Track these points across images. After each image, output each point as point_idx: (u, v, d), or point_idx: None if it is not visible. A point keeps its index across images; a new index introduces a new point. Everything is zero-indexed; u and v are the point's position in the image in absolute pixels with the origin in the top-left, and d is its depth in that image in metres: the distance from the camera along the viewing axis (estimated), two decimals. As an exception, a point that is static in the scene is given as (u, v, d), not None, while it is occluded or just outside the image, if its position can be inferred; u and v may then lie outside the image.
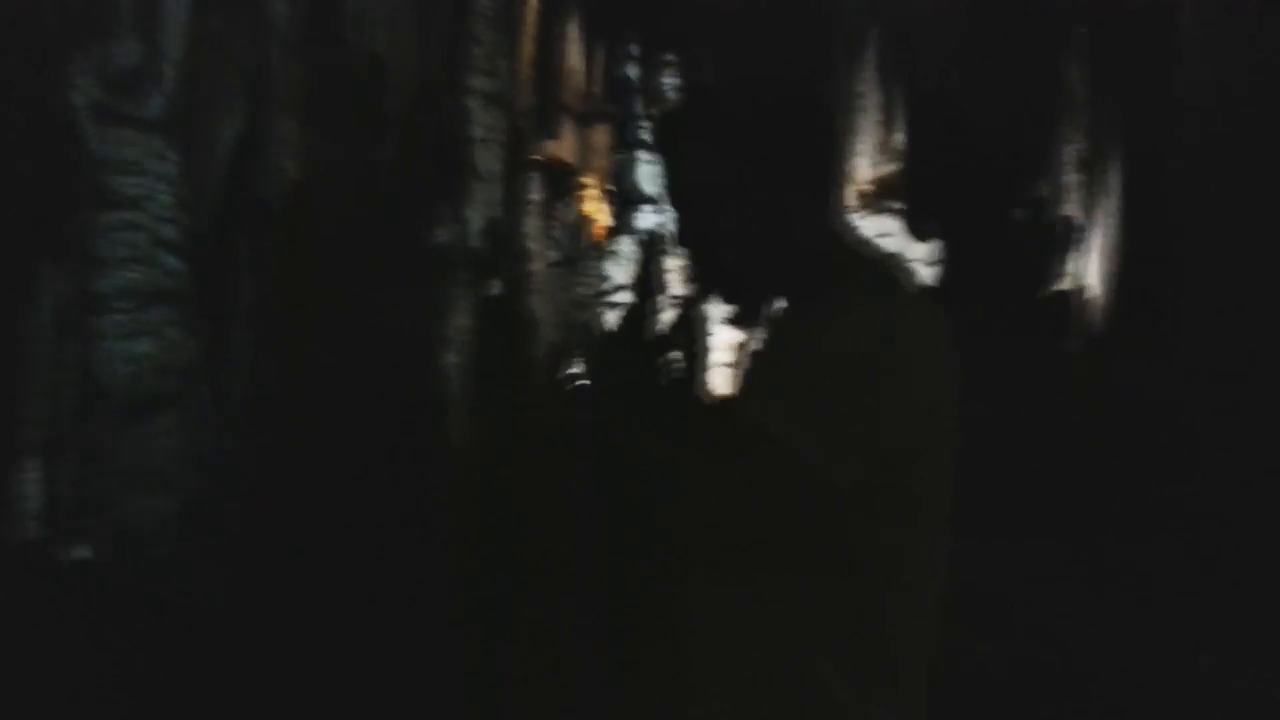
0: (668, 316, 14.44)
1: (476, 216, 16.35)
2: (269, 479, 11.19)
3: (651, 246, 14.45)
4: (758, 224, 1.16)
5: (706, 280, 1.21)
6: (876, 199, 17.22)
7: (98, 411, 11.13)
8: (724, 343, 14.86)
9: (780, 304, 1.15)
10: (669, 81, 17.13)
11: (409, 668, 9.44)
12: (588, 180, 18.32)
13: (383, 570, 10.41)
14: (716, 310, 13.23)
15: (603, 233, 17.04)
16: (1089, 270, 15.78)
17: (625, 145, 17.30)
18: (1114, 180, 15.87)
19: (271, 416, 11.75)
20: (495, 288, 14.60)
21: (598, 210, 17.64)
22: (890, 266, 1.09)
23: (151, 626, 8.70)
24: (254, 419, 11.81)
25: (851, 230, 1.17)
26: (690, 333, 13.47)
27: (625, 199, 16.56)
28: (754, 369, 1.18)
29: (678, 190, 1.20)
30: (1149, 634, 10.54)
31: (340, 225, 14.86)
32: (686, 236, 1.16)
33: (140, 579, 9.55)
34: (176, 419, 11.73)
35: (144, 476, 10.65)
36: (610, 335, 14.15)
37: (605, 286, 16.07)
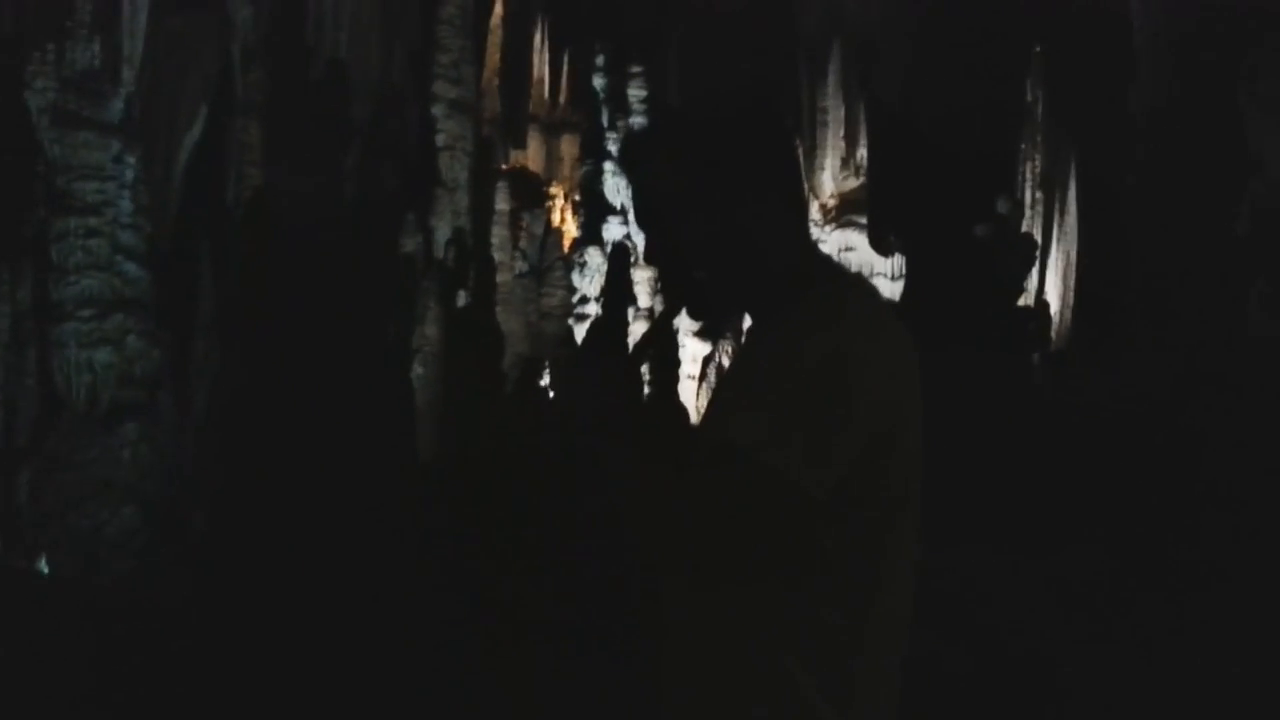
0: (636, 328, 14.42)
1: (443, 226, 16.23)
2: (234, 488, 11.00)
3: (619, 258, 14.45)
4: (720, 242, 1.19)
5: (671, 297, 1.25)
6: (841, 213, 17.41)
7: (58, 421, 10.88)
8: (691, 354, 14.92)
9: (745, 320, 1.19)
10: (636, 93, 17.18)
11: (378, 671, 9.34)
12: (555, 190, 18.29)
13: (350, 577, 10.30)
14: (685, 322, 13.27)
15: (570, 243, 17.01)
16: (1048, 284, 16.11)
17: (593, 156, 17.30)
18: (1071, 197, 16.23)
19: (236, 425, 11.57)
20: (462, 298, 14.52)
21: (565, 221, 17.61)
22: (854, 282, 1.13)
23: (117, 636, 8.51)
24: (218, 428, 11.61)
25: (815, 246, 1.20)
26: (657, 339, 13.47)
27: (593, 209, 16.54)
28: (724, 383, 1.22)
29: (641, 213, 1.25)
30: (1111, 638, 10.75)
31: (304, 233, 14.70)
32: (651, 256, 1.19)
33: (105, 589, 9.33)
34: (139, 428, 11.50)
35: (106, 487, 10.41)
36: (578, 346, 14.10)
37: (573, 298, 16.02)
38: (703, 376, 14.68)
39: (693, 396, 14.54)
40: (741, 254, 1.20)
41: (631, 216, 14.04)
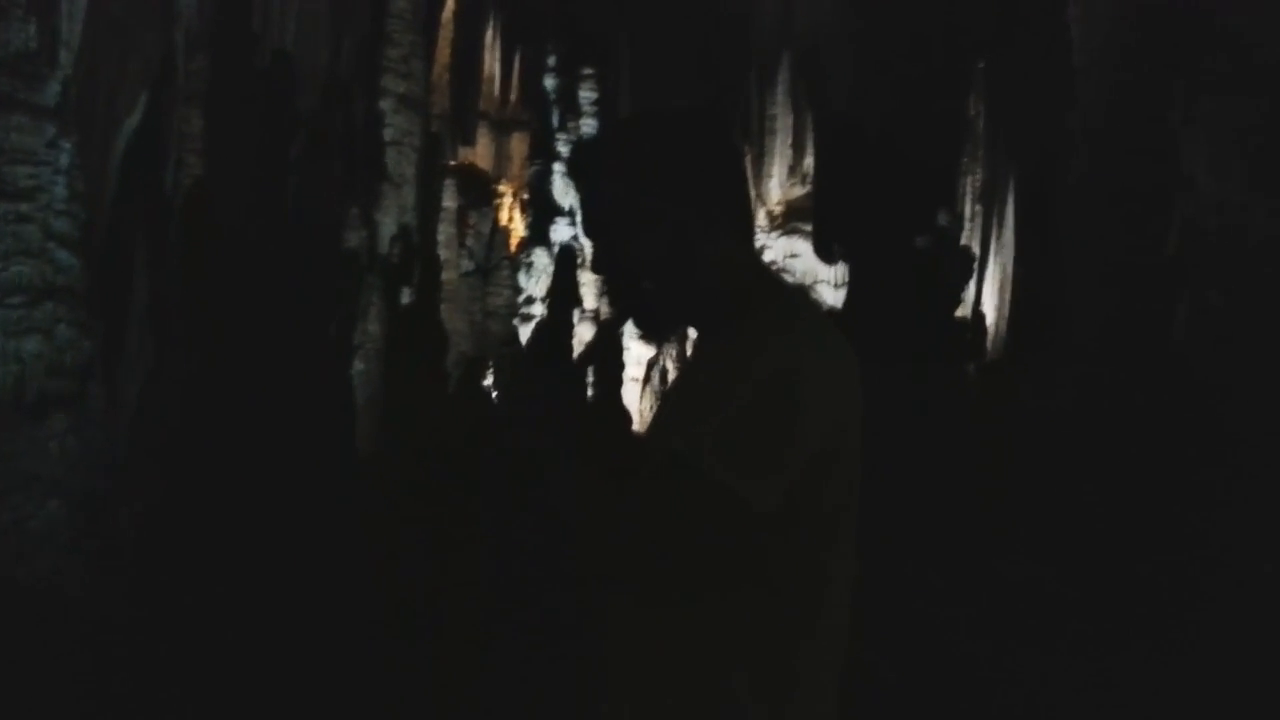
0: (581, 330, 14.38)
1: (388, 222, 16.04)
2: (165, 483, 10.75)
3: (566, 259, 14.42)
4: (663, 254, 1.21)
5: (617, 308, 1.28)
6: (787, 220, 17.56)
7: (-17, 411, 10.54)
8: (636, 357, 14.93)
9: (690, 330, 1.21)
10: (587, 94, 17.13)
11: (310, 669, 9.22)
12: (504, 189, 18.16)
13: (286, 575, 10.14)
14: (630, 326, 13.29)
15: (517, 243, 16.90)
16: (985, 296, 16.41)
17: (542, 156, 17.20)
18: (1009, 211, 16.56)
19: (170, 419, 11.31)
20: (406, 295, 14.35)
21: (513, 220, 17.51)
22: (799, 296, 1.15)
23: (43, 631, 8.30)
24: (151, 421, 11.33)
25: (760, 260, 1.21)
26: (603, 346, 13.48)
27: (541, 209, 16.46)
28: (671, 394, 1.23)
29: (589, 222, 1.26)
30: (1050, 647, 10.98)
31: (244, 224, 14.43)
32: (598, 265, 1.20)
33: (31, 584, 9.05)
34: (68, 420, 11.16)
35: (32, 480, 10.08)
36: (523, 347, 14.03)
37: (519, 298, 15.93)
38: (646, 380, 14.73)
39: (636, 399, 14.57)
40: (685, 266, 1.20)
41: (579, 221, 14.05)
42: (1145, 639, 10.67)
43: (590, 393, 12.02)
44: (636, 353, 14.76)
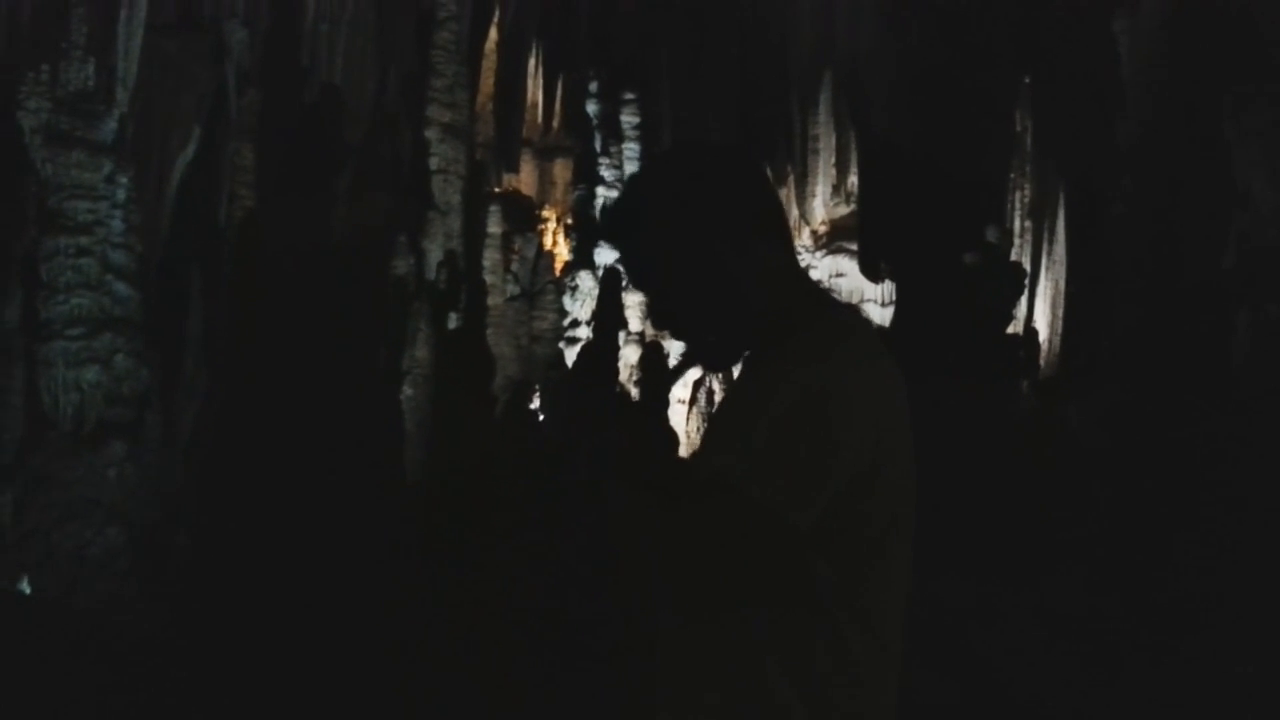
0: (627, 352, 14.40)
1: (435, 248, 16.24)
2: (221, 511, 10.91)
3: (610, 282, 14.48)
4: (706, 291, 1.22)
5: (662, 326, 1.29)
6: (832, 240, 17.49)
7: (44, 440, 10.77)
8: (683, 379, 14.90)
9: (736, 353, 1.23)
10: (629, 119, 17.25)
11: (364, 693, 9.26)
12: (547, 214, 18.31)
13: (337, 600, 10.21)
14: (675, 346, 13.29)
15: (562, 267, 17.00)
16: (1036, 312, 16.18)
17: (585, 180, 17.33)
18: (1060, 226, 16.34)
19: (224, 447, 11.49)
20: (453, 320, 14.48)
21: (558, 245, 17.63)
22: (845, 317, 1.15)
23: (101, 659, 8.42)
24: (206, 449, 11.52)
25: (808, 281, 1.22)
26: (649, 368, 13.48)
27: (585, 233, 16.56)
28: (715, 418, 1.25)
29: (634, 277, 1.30)
30: (1099, 668, 10.73)
31: (295, 254, 14.69)
32: (658, 320, 1.24)
33: (89, 609, 9.21)
34: (126, 448, 11.40)
35: (92, 507, 10.29)
36: (570, 370, 14.08)
37: (564, 321, 16.00)
38: (693, 401, 14.68)
39: (683, 421, 14.52)
40: (731, 296, 1.21)
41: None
42: (1199, 665, 10.39)
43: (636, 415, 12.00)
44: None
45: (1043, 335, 15.74)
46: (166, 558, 10.25)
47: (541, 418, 13.97)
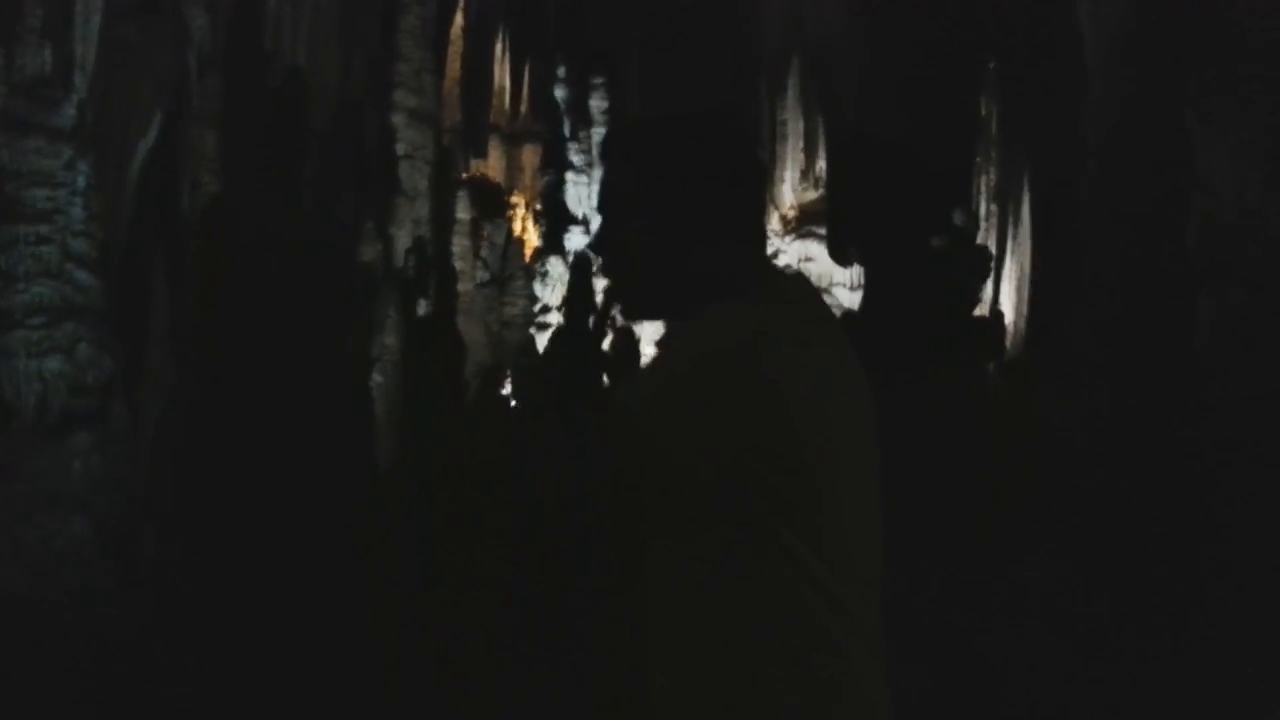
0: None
1: (402, 235, 16.12)
2: (189, 501, 10.80)
3: (581, 267, 14.47)
4: (657, 240, 1.26)
5: (598, 252, 1.33)
6: (800, 224, 17.56)
7: (7, 431, 10.59)
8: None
9: (657, 310, 1.28)
10: (598, 104, 17.20)
11: (328, 684, 9.22)
12: (516, 200, 18.23)
13: (307, 592, 10.15)
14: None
15: (532, 253, 16.96)
16: (1003, 295, 16.36)
17: (555, 166, 17.26)
18: (1025, 210, 16.52)
19: (191, 435, 11.36)
20: (423, 307, 14.40)
21: (527, 231, 17.57)
22: (794, 289, 1.19)
23: (66, 653, 8.32)
24: (172, 438, 11.39)
25: (765, 266, 1.25)
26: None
27: (555, 219, 16.51)
28: (637, 375, 1.31)
29: (600, 202, 1.34)
30: (1075, 651, 10.89)
31: (260, 241, 14.52)
32: (596, 244, 1.27)
33: (57, 601, 9.09)
34: (91, 438, 11.23)
35: (56, 499, 10.14)
36: (540, 356, 14.06)
37: (534, 307, 15.97)
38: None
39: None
40: (672, 256, 1.25)
41: (593, 226, 14.06)
42: (1165, 645, 10.58)
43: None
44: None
45: (1009, 318, 15.93)
46: (134, 549, 10.14)
47: (513, 403, 13.96)
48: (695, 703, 1.19)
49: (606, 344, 14.07)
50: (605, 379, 12.00)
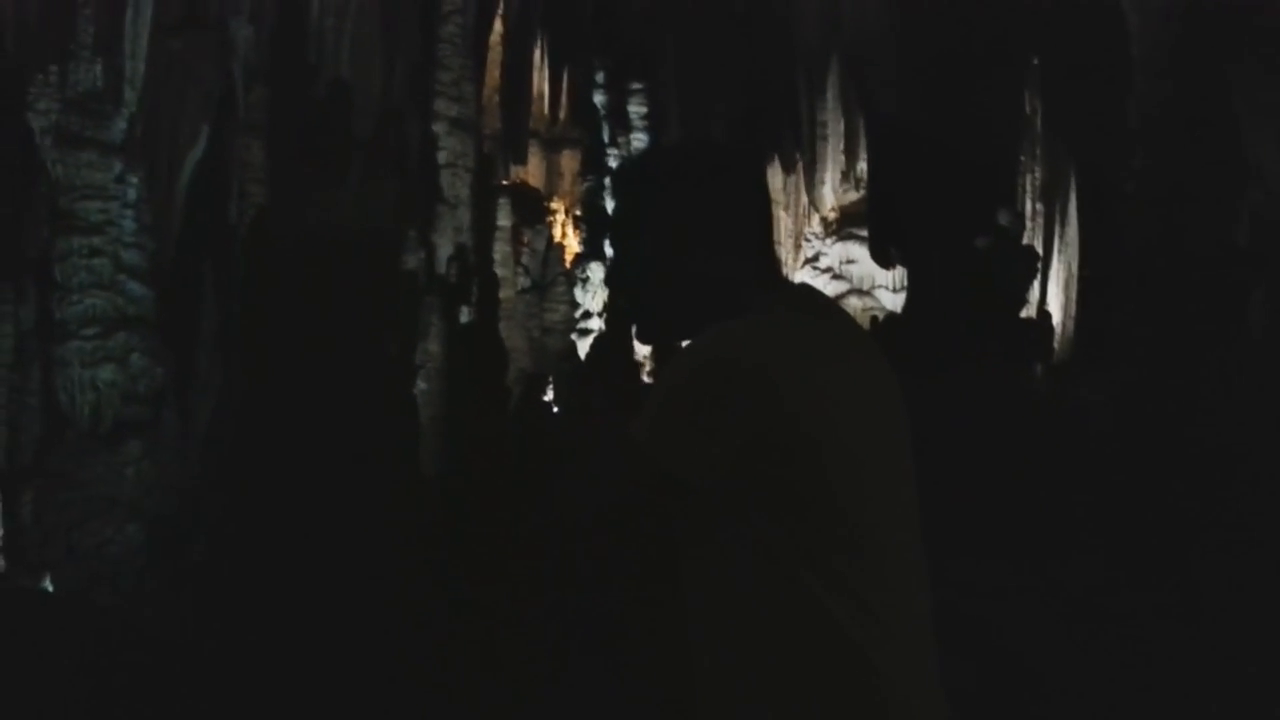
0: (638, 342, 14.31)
1: (444, 243, 16.26)
2: (238, 507, 10.98)
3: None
4: (661, 265, 1.30)
5: (612, 286, 1.39)
6: (841, 226, 17.44)
7: (63, 440, 10.86)
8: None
9: (669, 334, 1.35)
10: (636, 109, 17.23)
11: (380, 689, 9.32)
12: (556, 206, 18.31)
13: (354, 596, 10.27)
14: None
15: (572, 258, 17.02)
16: (1050, 295, 16.12)
17: (594, 171, 17.33)
18: (1072, 208, 16.26)
19: (239, 443, 11.55)
20: (465, 314, 14.52)
21: (567, 236, 17.64)
22: (806, 303, 1.24)
23: (120, 656, 8.49)
24: (221, 445, 11.59)
25: (774, 288, 1.31)
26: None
27: (595, 224, 16.56)
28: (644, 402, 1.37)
29: (611, 234, 1.41)
30: (1116, 648, 10.71)
31: (306, 250, 14.73)
32: (609, 274, 1.34)
33: (108, 608, 9.29)
34: (143, 446, 11.49)
35: (110, 505, 10.38)
36: (582, 361, 14.10)
37: (575, 313, 16.03)
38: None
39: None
40: (675, 281, 1.28)
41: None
42: (1211, 643, 10.37)
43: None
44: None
45: (1056, 318, 15.68)
46: (185, 554, 10.31)
47: (555, 410, 14.00)
48: (725, 711, 1.21)
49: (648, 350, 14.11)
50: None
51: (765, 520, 1.19)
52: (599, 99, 17.45)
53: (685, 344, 1.24)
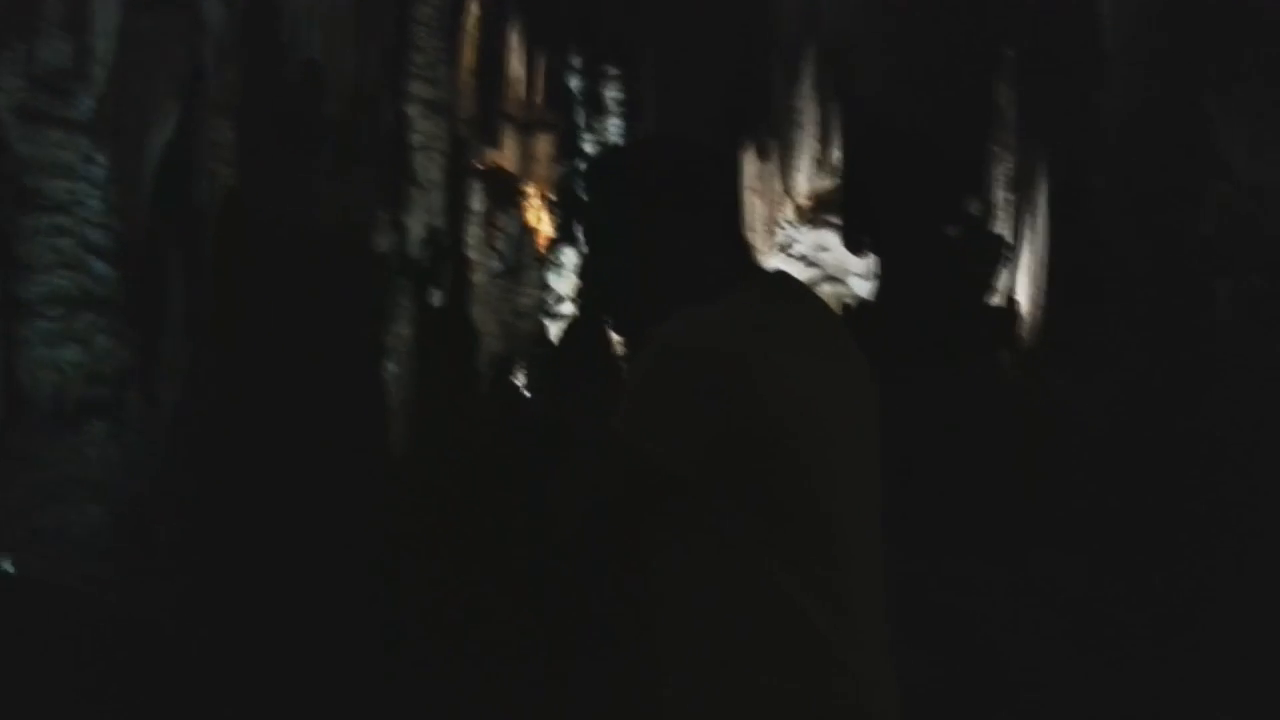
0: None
1: (417, 225, 16.18)
2: (203, 488, 10.92)
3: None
4: (631, 256, 1.32)
5: (608, 323, 1.40)
6: (815, 214, 17.49)
7: (24, 419, 10.75)
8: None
9: (644, 325, 1.35)
10: (613, 95, 17.19)
11: (344, 673, 9.31)
12: (530, 190, 18.25)
13: (322, 580, 10.24)
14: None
15: (545, 243, 16.98)
16: (1019, 284, 16.24)
17: (569, 156, 17.28)
18: (1042, 198, 16.38)
19: (205, 424, 11.48)
20: (436, 297, 14.47)
21: (540, 220, 17.59)
22: (774, 288, 1.25)
23: (84, 639, 8.44)
24: (188, 427, 11.52)
25: (746, 264, 1.33)
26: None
27: (569, 209, 16.53)
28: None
29: (583, 234, 1.42)
30: (1091, 642, 10.83)
31: (276, 232, 14.62)
32: (581, 272, 1.36)
33: (72, 588, 9.23)
34: (106, 427, 11.38)
35: (73, 486, 10.29)
36: (554, 346, 14.10)
37: (548, 297, 16.02)
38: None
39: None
40: (645, 273, 1.30)
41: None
42: (1191, 637, 10.51)
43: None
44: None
45: (1025, 306, 15.82)
46: (149, 537, 10.25)
47: (527, 394, 13.99)
48: (691, 701, 1.22)
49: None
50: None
51: (737, 505, 1.19)
52: (574, 83, 17.40)
53: (659, 330, 1.24)
